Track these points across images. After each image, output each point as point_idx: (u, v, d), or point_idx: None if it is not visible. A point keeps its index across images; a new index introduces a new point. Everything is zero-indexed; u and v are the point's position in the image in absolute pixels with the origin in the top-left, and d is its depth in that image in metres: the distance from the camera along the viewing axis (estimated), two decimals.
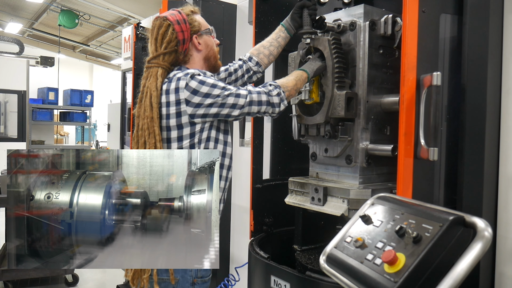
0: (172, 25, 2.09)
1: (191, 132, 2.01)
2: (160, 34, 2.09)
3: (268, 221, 2.67)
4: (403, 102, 1.82)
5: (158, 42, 2.09)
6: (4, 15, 13.97)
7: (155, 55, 2.09)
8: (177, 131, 2.01)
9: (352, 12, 2.21)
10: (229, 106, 2.00)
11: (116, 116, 6.99)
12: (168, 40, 2.08)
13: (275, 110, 2.11)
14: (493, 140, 2.04)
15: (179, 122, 2.00)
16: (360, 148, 2.16)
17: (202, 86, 1.97)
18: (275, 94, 2.10)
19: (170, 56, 2.10)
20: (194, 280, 2.02)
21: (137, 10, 11.20)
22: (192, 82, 1.97)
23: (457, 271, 1.16)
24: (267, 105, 2.08)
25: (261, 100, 2.07)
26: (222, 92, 1.99)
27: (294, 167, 2.87)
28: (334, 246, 1.55)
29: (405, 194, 1.81)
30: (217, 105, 1.98)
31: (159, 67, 2.07)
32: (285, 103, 2.13)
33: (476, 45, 1.99)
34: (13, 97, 10.17)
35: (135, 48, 4.98)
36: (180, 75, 2.02)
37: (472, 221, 1.24)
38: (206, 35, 2.21)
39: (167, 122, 2.01)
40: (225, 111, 2.01)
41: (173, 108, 1.99)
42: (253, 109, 2.06)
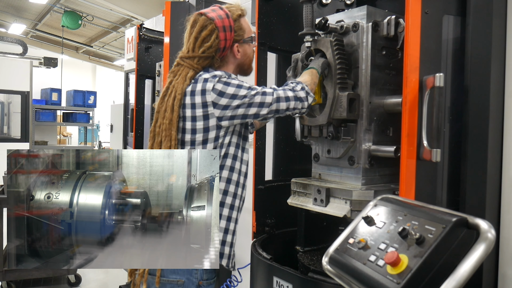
0: (217, 31, 2.02)
1: (216, 135, 1.98)
2: (201, 36, 2.02)
3: (271, 222, 2.67)
4: (406, 103, 1.82)
5: (197, 43, 2.03)
6: (7, 16, 14.03)
7: (191, 56, 2.03)
8: (202, 134, 1.97)
9: (355, 14, 2.20)
10: (257, 105, 1.96)
11: (119, 117, 7.01)
12: (209, 45, 2.01)
13: (304, 105, 2.06)
14: (496, 141, 2.03)
15: (206, 125, 1.96)
16: (363, 149, 2.15)
17: (228, 87, 1.93)
18: (299, 89, 2.05)
19: (205, 60, 2.05)
20: (200, 282, 1.99)
21: (140, 11, 11.25)
22: (218, 85, 1.93)
23: (460, 272, 1.16)
24: (295, 100, 2.02)
25: (288, 96, 2.01)
26: (248, 92, 1.95)
27: (297, 168, 2.86)
28: (336, 247, 1.54)
29: (408, 196, 1.80)
30: (244, 106, 1.94)
31: (190, 69, 2.03)
32: (311, 95, 2.08)
33: (479, 46, 1.99)
34: (16, 97, 10.22)
35: (138, 49, 4.99)
36: (207, 76, 1.98)
37: (475, 223, 1.23)
38: (247, 44, 2.14)
39: (193, 124, 1.97)
40: (253, 111, 1.96)
41: (200, 111, 1.95)
42: (281, 106, 2.00)
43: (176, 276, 1.97)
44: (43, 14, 13.88)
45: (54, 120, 11.23)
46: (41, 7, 13.14)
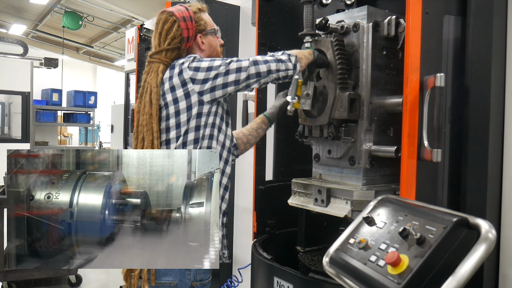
0: (178, 21, 2.09)
1: (198, 111, 1.99)
2: (164, 30, 2.09)
3: (271, 223, 2.67)
4: (407, 104, 1.82)
5: (162, 37, 2.09)
6: (8, 16, 14.03)
7: (158, 50, 2.09)
8: (186, 113, 1.99)
9: (355, 14, 2.20)
10: (234, 71, 1.96)
11: (120, 117, 7.01)
12: (172, 36, 2.08)
13: (289, 65, 2.02)
14: (497, 141, 2.03)
15: (189, 103, 1.98)
16: (364, 149, 2.15)
17: (202, 62, 1.99)
18: (280, 54, 2.04)
19: (172, 52, 2.10)
20: (193, 283, 1.99)
21: (140, 11, 11.25)
22: (192, 63, 1.99)
23: (461, 272, 1.15)
24: (277, 62, 1.99)
25: (266, 59, 2.00)
26: (223, 62, 1.99)
27: (297, 168, 2.86)
28: (337, 248, 1.54)
29: (409, 196, 1.80)
30: (222, 75, 1.96)
31: (160, 63, 2.07)
32: (293, 57, 2.04)
33: (479, 46, 1.98)
34: (17, 98, 10.22)
35: (139, 50, 4.99)
36: (182, 60, 2.03)
37: (476, 223, 1.23)
38: (211, 35, 2.21)
39: (176, 106, 2.00)
40: (231, 78, 1.96)
41: (180, 91, 1.99)
42: (261, 68, 1.97)
43: (169, 278, 1.96)
44: (43, 15, 13.87)
45: (55, 121, 11.23)
46: (41, 7, 13.13)
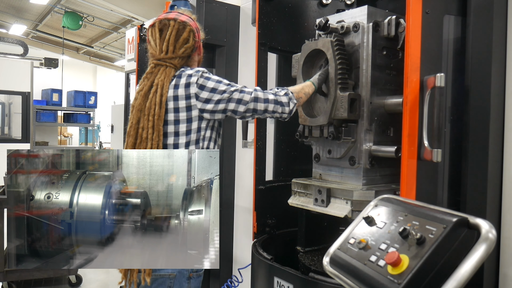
0: (194, 32, 2.20)
1: (198, 126, 2.08)
2: (182, 38, 2.16)
3: (271, 223, 2.67)
4: (407, 104, 1.81)
5: (178, 44, 2.15)
6: (8, 17, 14.03)
7: (173, 56, 2.15)
8: (186, 124, 2.07)
9: (355, 14, 2.20)
10: (235, 101, 2.07)
11: (120, 117, 7.00)
12: (190, 46, 2.18)
13: (285, 110, 2.15)
14: (497, 141, 2.03)
15: (189, 116, 2.07)
16: (364, 149, 2.15)
17: (208, 82, 2.06)
18: (282, 94, 2.15)
19: (183, 60, 2.19)
20: (190, 274, 2.09)
21: (140, 11, 11.24)
22: (200, 79, 2.06)
23: (461, 273, 1.15)
24: (275, 104, 2.12)
25: (267, 98, 2.12)
26: (228, 88, 2.08)
27: (297, 168, 2.86)
28: (337, 248, 1.54)
29: (409, 196, 1.80)
30: (224, 101, 2.07)
31: (173, 68, 2.15)
32: (294, 101, 2.16)
33: (480, 46, 1.98)
34: (17, 98, 10.20)
35: (139, 50, 4.98)
36: (190, 72, 2.10)
37: (476, 223, 1.23)
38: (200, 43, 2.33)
39: (176, 115, 2.08)
40: (231, 106, 2.08)
41: (183, 102, 2.07)
42: (259, 106, 2.10)
43: (168, 269, 2.04)
44: (43, 15, 13.86)
45: (55, 121, 11.21)
46: (41, 7, 13.12)
